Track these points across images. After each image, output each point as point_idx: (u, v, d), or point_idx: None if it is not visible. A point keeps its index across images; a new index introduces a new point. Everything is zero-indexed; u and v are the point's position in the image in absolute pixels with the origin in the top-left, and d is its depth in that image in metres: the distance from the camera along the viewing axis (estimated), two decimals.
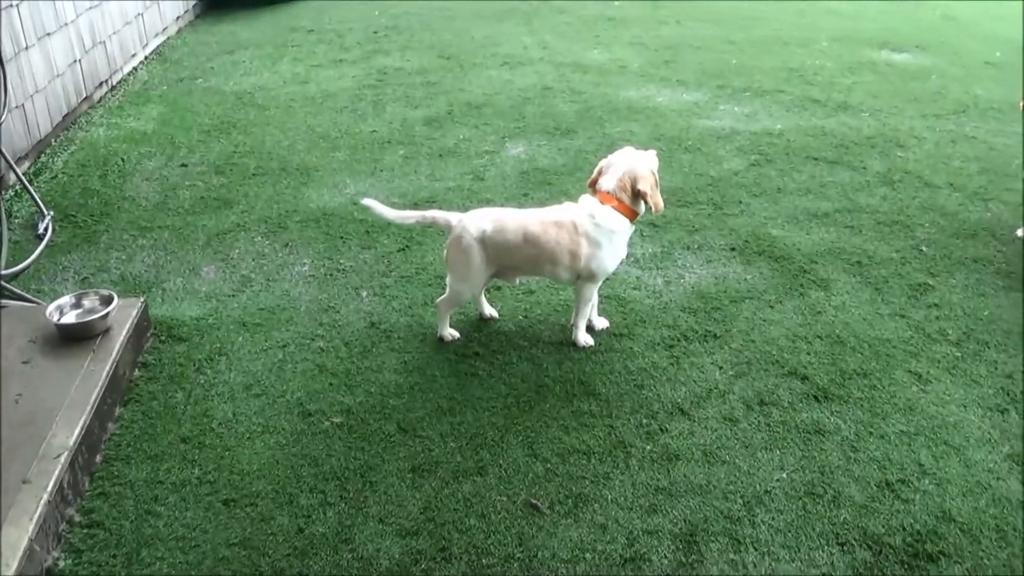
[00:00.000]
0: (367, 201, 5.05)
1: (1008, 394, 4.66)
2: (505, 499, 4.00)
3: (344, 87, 9.58)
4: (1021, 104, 5.98)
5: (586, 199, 4.88)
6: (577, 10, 12.93)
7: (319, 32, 11.86)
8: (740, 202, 6.74)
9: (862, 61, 10.25)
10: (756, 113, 8.64)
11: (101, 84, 9.20)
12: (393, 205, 5.18)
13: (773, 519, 3.89)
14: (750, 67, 10.08)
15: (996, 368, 4.87)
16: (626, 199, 4.80)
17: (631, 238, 5.02)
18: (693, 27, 11.97)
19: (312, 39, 11.54)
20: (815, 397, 4.62)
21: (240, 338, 5.17)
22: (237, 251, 6.13)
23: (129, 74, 9.99)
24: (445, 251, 4.96)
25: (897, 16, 12.36)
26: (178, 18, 11.94)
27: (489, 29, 11.89)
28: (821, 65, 10.10)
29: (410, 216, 5.05)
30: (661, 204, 4.85)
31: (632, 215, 4.84)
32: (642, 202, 4.81)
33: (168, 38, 11.46)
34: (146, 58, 10.60)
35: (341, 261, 5.97)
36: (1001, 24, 11.98)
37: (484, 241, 4.79)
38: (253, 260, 6.02)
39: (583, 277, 4.88)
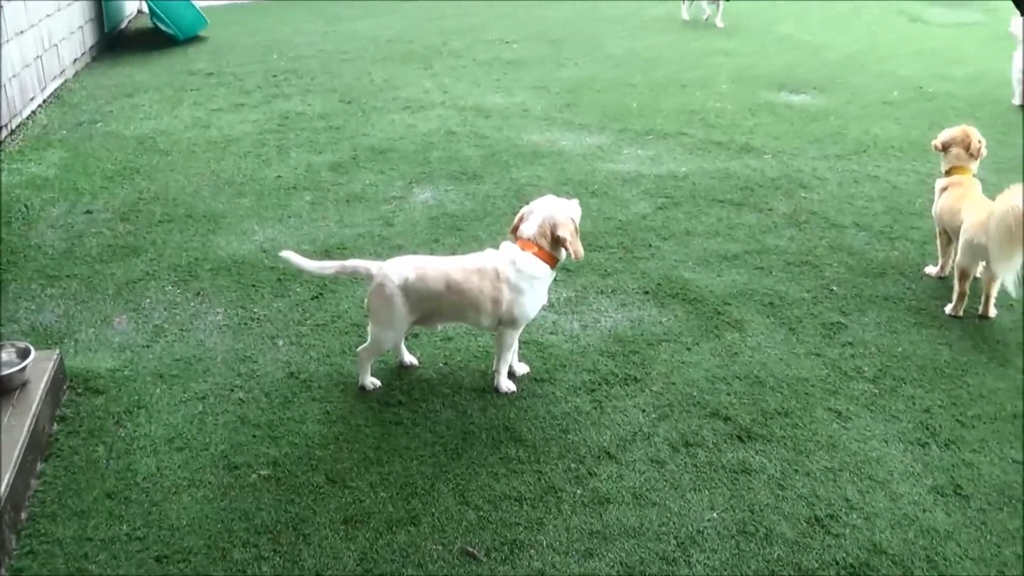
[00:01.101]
0: (285, 253, 5.04)
1: (927, 428, 4.80)
2: (440, 548, 3.99)
3: (246, 131, 9.49)
4: (935, 143, 6.16)
5: (507, 246, 4.93)
6: (475, 53, 12.98)
7: (218, 75, 11.74)
8: (650, 245, 6.83)
9: (761, 103, 10.48)
10: (660, 156, 8.76)
11: (0, 129, 8.98)
12: (303, 252, 5.14)
13: (708, 559, 3.94)
14: (651, 109, 10.24)
15: (914, 403, 5.01)
16: (546, 245, 4.86)
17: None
18: (592, 69, 12.12)
19: (212, 82, 11.42)
20: (739, 437, 4.70)
21: (158, 390, 5.08)
22: (148, 300, 6.03)
23: (28, 118, 9.76)
24: (367, 300, 4.96)
25: (793, 57, 12.65)
26: (75, 60, 11.72)
27: (388, 72, 11.89)
28: (722, 107, 10.31)
29: (330, 267, 5.05)
30: (581, 251, 4.92)
31: (553, 261, 4.91)
32: (562, 248, 4.86)
33: (66, 81, 11.24)
34: (44, 101, 10.38)
35: (255, 310, 5.91)
36: (897, 64, 12.36)
37: (406, 289, 4.80)
38: (165, 309, 5.92)
39: (504, 323, 4.91)
